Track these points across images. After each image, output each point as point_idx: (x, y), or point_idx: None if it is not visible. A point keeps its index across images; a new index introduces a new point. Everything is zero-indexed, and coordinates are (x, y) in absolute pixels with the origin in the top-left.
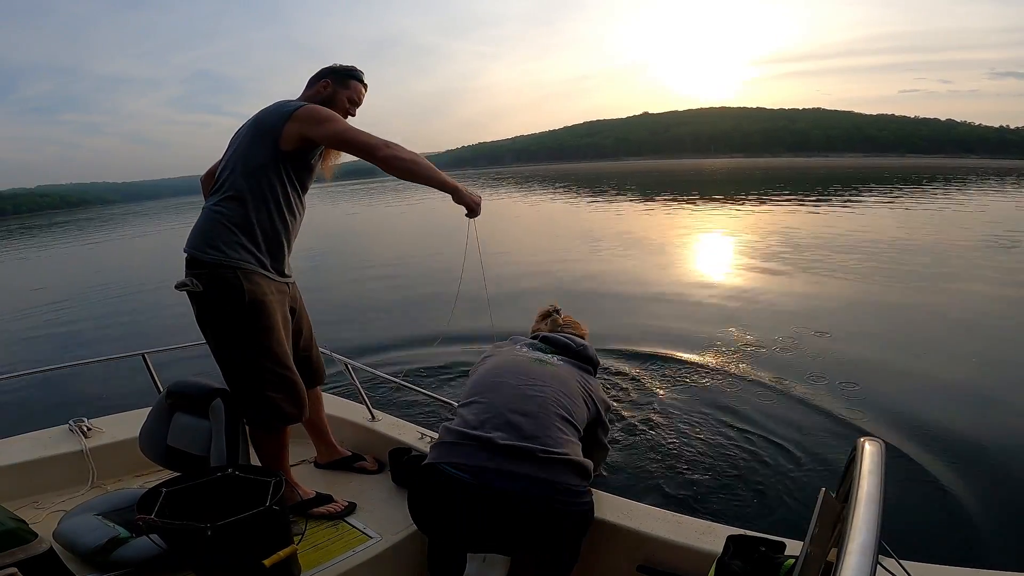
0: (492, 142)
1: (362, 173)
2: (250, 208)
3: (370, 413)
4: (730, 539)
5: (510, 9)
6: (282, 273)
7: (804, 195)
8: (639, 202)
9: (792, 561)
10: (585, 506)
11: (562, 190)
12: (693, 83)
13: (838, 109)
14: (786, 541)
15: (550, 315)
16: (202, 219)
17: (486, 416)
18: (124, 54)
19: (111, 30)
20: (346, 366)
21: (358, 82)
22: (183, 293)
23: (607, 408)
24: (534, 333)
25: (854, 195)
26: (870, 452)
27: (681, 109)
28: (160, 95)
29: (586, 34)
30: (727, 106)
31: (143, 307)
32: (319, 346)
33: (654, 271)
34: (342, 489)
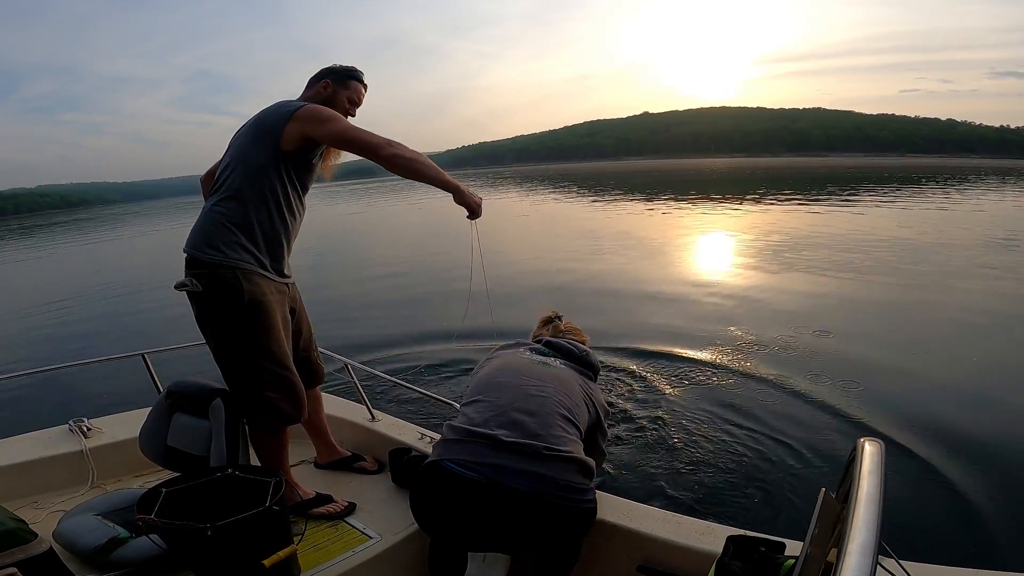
0: (492, 142)
1: (362, 173)
2: (250, 208)
3: (370, 413)
4: (730, 539)
5: (510, 9)
6: (282, 273)
7: (804, 194)
8: (639, 202)
9: (792, 561)
10: (589, 504)
11: (562, 190)
12: (694, 83)
13: (838, 109)
14: (786, 541)
15: (552, 321)
16: (202, 219)
17: (490, 414)
18: (125, 54)
19: (112, 30)
20: (346, 366)
21: (358, 82)
22: (183, 293)
23: (607, 414)
24: (536, 338)
25: (854, 195)
26: (870, 452)
27: (681, 109)
28: (161, 95)
29: (587, 34)
30: (727, 106)
31: (143, 307)
32: (319, 346)
33: (655, 270)
34: (342, 489)
